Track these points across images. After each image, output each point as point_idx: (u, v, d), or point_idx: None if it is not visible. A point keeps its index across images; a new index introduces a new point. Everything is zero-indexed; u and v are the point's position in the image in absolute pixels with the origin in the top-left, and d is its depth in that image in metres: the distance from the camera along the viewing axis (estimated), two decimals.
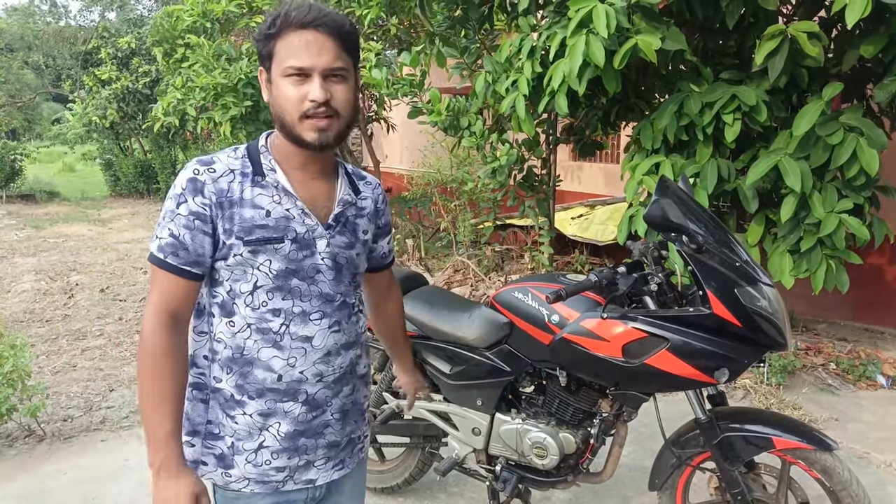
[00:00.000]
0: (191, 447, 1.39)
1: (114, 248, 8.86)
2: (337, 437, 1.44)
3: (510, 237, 7.19)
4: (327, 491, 1.48)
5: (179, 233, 1.26)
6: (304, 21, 1.21)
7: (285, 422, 1.36)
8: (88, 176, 19.91)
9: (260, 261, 1.29)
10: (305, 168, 1.34)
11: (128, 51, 13.22)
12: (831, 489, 2.00)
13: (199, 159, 1.30)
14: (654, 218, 1.96)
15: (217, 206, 1.26)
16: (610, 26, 2.86)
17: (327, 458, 1.43)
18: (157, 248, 1.27)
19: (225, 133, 5.63)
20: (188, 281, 1.28)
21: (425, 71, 4.69)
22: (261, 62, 1.30)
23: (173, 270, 1.27)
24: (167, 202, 1.28)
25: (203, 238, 1.27)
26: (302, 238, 1.31)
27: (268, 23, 1.25)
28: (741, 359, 1.90)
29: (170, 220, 1.26)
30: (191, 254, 1.27)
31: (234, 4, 5.92)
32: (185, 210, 1.25)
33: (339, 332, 1.39)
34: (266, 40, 1.26)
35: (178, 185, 1.27)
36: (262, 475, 1.36)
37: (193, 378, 1.38)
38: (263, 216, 1.28)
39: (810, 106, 3.03)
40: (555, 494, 2.88)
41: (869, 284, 5.01)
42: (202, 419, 1.38)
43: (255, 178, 1.29)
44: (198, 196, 1.26)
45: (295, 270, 1.31)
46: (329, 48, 1.23)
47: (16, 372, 3.30)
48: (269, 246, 1.28)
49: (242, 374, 1.33)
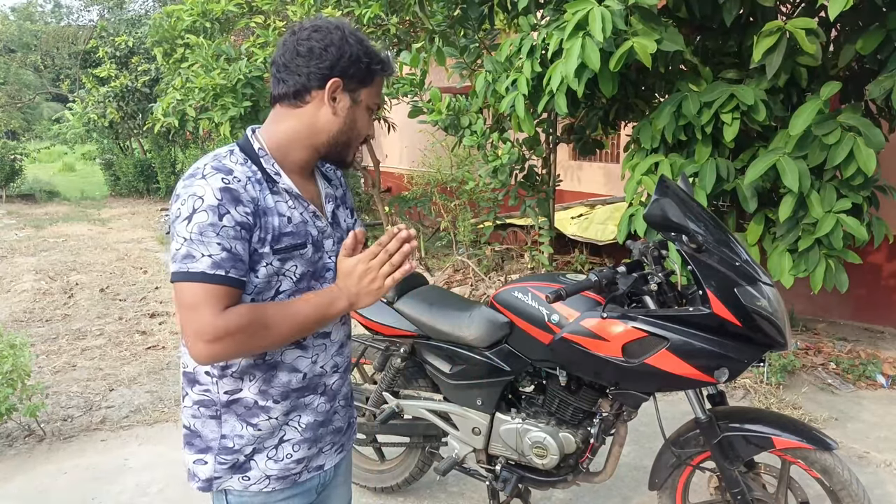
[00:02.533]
0: (203, 465, 1.34)
1: (114, 247, 8.86)
2: (342, 422, 1.49)
3: (510, 237, 7.19)
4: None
5: (231, 245, 1.21)
6: (388, 73, 1.39)
7: (305, 414, 1.38)
8: (88, 176, 19.90)
9: (287, 267, 1.30)
10: (302, 171, 1.36)
11: (126, 50, 13.22)
12: (831, 489, 2.01)
13: (213, 166, 1.25)
14: (654, 217, 1.97)
15: (254, 214, 1.24)
16: (606, 30, 2.87)
17: (333, 443, 1.47)
18: (213, 266, 1.18)
19: (224, 133, 5.63)
20: (242, 291, 1.25)
21: (425, 70, 4.69)
22: (343, 81, 1.30)
23: (236, 284, 1.22)
24: (199, 216, 1.19)
25: (247, 246, 1.24)
26: (317, 240, 1.35)
27: (377, 58, 1.33)
28: (741, 358, 1.91)
29: (215, 233, 1.19)
30: (245, 264, 1.24)
31: (233, 4, 5.92)
32: (230, 221, 1.20)
33: (346, 324, 1.47)
34: (370, 74, 1.33)
35: (208, 196, 1.19)
36: (284, 470, 1.36)
37: (199, 395, 1.34)
38: (286, 223, 1.29)
39: (807, 105, 3.04)
40: (555, 494, 2.88)
41: (869, 284, 5.02)
42: (215, 434, 1.34)
43: (270, 186, 1.29)
44: (239, 205, 1.22)
45: (313, 272, 1.35)
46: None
47: (15, 371, 3.30)
48: (297, 252, 1.30)
49: (266, 379, 1.32)
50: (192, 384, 1.35)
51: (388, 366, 2.68)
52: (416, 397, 2.64)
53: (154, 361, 4.58)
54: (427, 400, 2.60)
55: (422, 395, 2.64)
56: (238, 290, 1.23)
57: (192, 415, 1.35)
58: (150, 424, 3.66)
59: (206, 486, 1.35)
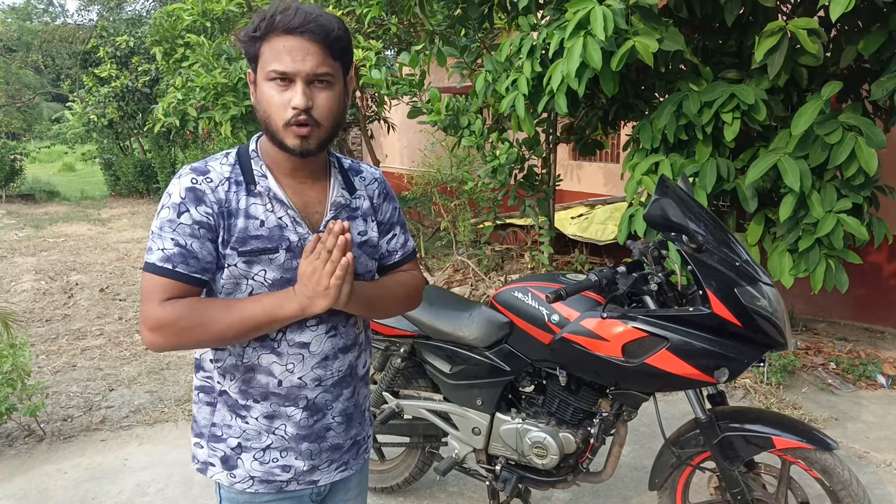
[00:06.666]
0: (200, 448, 1.40)
1: (114, 247, 8.86)
2: (340, 440, 1.43)
3: (510, 237, 7.19)
4: (333, 488, 1.49)
5: (186, 242, 1.24)
6: (290, 27, 1.18)
7: (289, 425, 1.36)
8: (88, 175, 19.90)
9: (255, 271, 1.27)
10: (296, 173, 1.32)
11: (126, 50, 13.21)
12: (831, 489, 2.01)
13: (192, 167, 1.28)
14: (654, 217, 1.97)
15: (219, 215, 1.25)
16: (607, 29, 2.86)
17: (331, 460, 1.43)
18: (163, 259, 1.23)
19: (225, 133, 5.62)
20: (196, 288, 1.27)
21: (425, 70, 4.69)
22: (248, 63, 1.28)
23: (184, 279, 1.24)
24: (163, 212, 1.25)
25: (210, 246, 1.26)
26: (296, 247, 1.29)
27: (253, 25, 1.22)
28: (741, 358, 1.90)
29: (170, 229, 1.23)
30: (200, 262, 1.25)
31: (234, 4, 5.91)
32: (187, 219, 1.23)
33: (336, 337, 1.37)
34: (251, 42, 1.23)
35: (174, 195, 1.25)
36: (268, 474, 1.36)
37: (200, 381, 1.39)
38: (258, 226, 1.27)
39: (808, 105, 3.04)
40: (555, 494, 2.88)
41: (869, 284, 5.01)
42: (207, 421, 1.38)
43: (248, 187, 1.28)
44: (200, 205, 1.24)
45: (290, 279, 1.29)
46: (314, 54, 1.20)
47: (15, 371, 3.30)
48: (265, 256, 1.27)
49: (245, 379, 1.33)
50: (197, 370, 1.40)
51: (388, 366, 2.68)
52: (416, 397, 2.64)
53: (154, 361, 4.58)
54: (427, 400, 2.60)
55: (422, 395, 2.64)
56: (187, 285, 1.24)
57: (194, 400, 1.41)
58: (150, 424, 3.66)
59: (202, 469, 1.40)
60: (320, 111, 1.23)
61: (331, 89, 1.24)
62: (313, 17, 1.20)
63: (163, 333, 1.23)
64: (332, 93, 1.24)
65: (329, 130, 1.27)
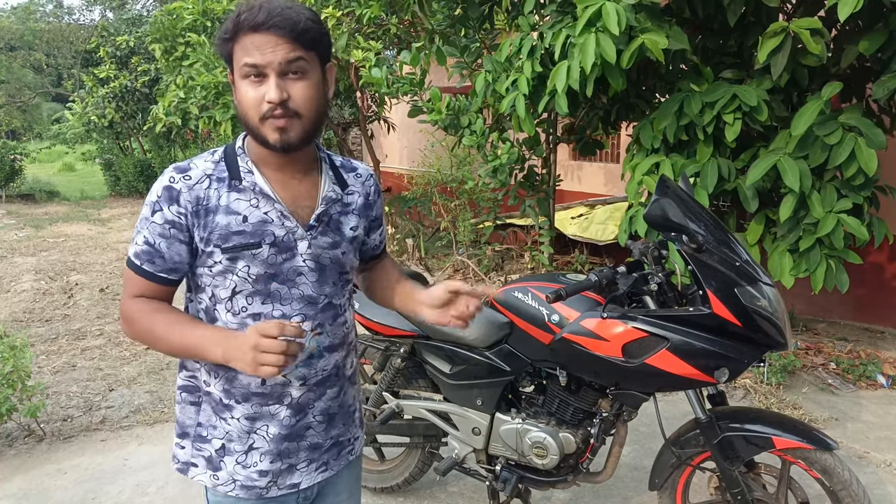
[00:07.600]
0: (181, 449, 1.39)
1: (114, 247, 8.86)
2: (319, 439, 1.41)
3: (510, 237, 7.19)
4: (321, 491, 1.47)
5: (154, 241, 1.27)
6: (255, 23, 1.18)
7: (272, 424, 1.35)
8: (88, 175, 19.89)
9: (239, 266, 1.27)
10: (283, 168, 1.31)
11: (127, 50, 13.21)
12: (831, 489, 2.01)
13: (175, 166, 1.29)
14: (655, 217, 1.96)
15: (193, 214, 1.25)
16: (621, 24, 2.86)
17: (309, 460, 1.41)
18: (134, 255, 1.29)
19: (225, 132, 5.62)
20: (164, 287, 1.31)
21: (425, 70, 4.68)
22: (226, 65, 1.29)
23: (149, 277, 1.29)
24: (143, 209, 1.28)
25: (179, 246, 1.27)
26: (281, 241, 1.29)
27: (223, 28, 1.23)
28: (741, 358, 1.90)
29: (144, 227, 1.27)
30: (167, 262, 1.28)
31: (234, 3, 5.91)
32: (159, 219, 1.26)
33: (322, 335, 1.36)
34: (224, 44, 1.24)
35: (153, 193, 1.28)
36: (248, 479, 1.35)
37: (184, 381, 1.38)
38: (240, 222, 1.26)
39: (809, 105, 3.04)
40: (555, 494, 2.88)
41: (869, 284, 5.01)
42: (192, 421, 1.38)
43: (231, 183, 1.28)
44: (173, 205, 1.25)
45: (274, 274, 1.29)
46: (283, 45, 1.19)
47: (16, 372, 3.30)
48: (247, 252, 1.26)
49: (228, 378, 1.33)
50: (181, 369, 1.40)
51: (388, 366, 2.68)
52: (416, 397, 2.64)
53: (154, 361, 4.58)
54: (427, 400, 2.60)
55: (422, 395, 2.63)
56: (153, 283, 1.30)
57: (177, 400, 1.41)
58: (149, 424, 3.66)
59: (182, 469, 1.39)
60: (297, 102, 1.22)
61: (306, 79, 1.22)
62: (278, 11, 1.18)
63: (128, 327, 1.31)
64: (308, 82, 1.23)
65: (311, 122, 1.25)
